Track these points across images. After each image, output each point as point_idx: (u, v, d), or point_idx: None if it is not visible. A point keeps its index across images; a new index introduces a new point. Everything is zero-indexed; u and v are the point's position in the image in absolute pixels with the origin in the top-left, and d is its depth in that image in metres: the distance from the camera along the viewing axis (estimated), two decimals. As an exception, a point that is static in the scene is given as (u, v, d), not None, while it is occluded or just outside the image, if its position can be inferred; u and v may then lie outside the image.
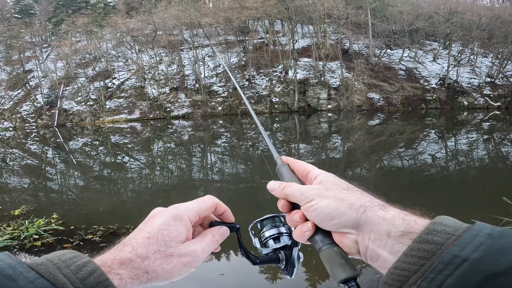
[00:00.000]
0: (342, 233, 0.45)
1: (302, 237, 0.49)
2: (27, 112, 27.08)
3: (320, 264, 2.15)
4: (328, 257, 0.46)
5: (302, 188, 0.50)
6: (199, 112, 25.33)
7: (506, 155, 10.22)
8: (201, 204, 0.52)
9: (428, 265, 0.35)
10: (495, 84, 25.32)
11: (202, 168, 10.27)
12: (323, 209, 0.46)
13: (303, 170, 0.56)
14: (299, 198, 0.49)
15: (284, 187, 0.52)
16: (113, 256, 0.43)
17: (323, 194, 0.47)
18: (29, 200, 7.25)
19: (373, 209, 0.44)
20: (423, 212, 0.43)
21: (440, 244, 0.36)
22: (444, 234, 0.37)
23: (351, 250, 0.45)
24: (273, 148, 0.63)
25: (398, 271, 0.38)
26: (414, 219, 0.41)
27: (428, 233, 0.38)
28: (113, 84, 28.06)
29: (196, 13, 27.80)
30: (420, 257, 0.36)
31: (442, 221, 0.39)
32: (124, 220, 5.32)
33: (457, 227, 0.37)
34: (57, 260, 0.38)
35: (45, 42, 35.26)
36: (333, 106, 24.87)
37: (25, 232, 4.70)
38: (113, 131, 20.87)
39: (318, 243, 0.47)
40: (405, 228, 0.40)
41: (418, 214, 0.43)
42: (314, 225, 0.48)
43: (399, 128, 17.15)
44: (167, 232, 0.46)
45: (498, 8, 33.10)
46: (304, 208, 0.49)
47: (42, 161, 13.10)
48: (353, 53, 27.50)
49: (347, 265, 0.44)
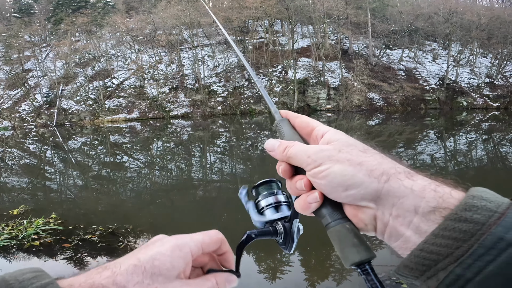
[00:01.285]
0: (357, 206, 0.37)
1: (307, 209, 0.40)
2: (26, 111, 27.03)
3: (319, 264, 2.16)
4: (338, 235, 0.38)
5: (309, 148, 0.41)
6: (199, 111, 25.32)
7: (505, 156, 10.24)
8: (206, 237, 0.44)
9: (465, 249, 0.30)
10: (494, 85, 25.36)
11: (201, 168, 10.26)
12: (335, 176, 0.37)
13: (306, 126, 0.46)
14: (305, 161, 0.40)
15: (285, 146, 0.43)
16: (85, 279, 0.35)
17: (336, 156, 0.38)
18: (28, 199, 7.23)
19: (398, 176, 0.36)
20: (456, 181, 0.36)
21: (481, 223, 0.30)
22: (485, 211, 0.30)
23: (367, 226, 0.37)
24: (270, 101, 0.52)
25: (425, 253, 0.32)
26: (448, 191, 0.34)
27: (466, 209, 0.31)
28: (112, 83, 28.03)
29: (196, 12, 27.78)
30: (455, 238, 0.30)
31: (482, 195, 0.32)
32: (123, 220, 5.31)
33: (499, 203, 0.31)
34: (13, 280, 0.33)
35: (44, 41, 35.20)
36: (332, 106, 24.88)
37: (24, 232, 4.68)
38: (112, 131, 20.84)
39: (326, 217, 0.39)
40: (437, 202, 0.33)
41: (451, 184, 0.35)
42: (322, 195, 0.39)
43: (398, 128, 17.17)
44: (158, 263, 0.37)
45: (497, 8, 33.16)
46: (311, 174, 0.40)
47: (41, 161, 13.08)
48: (352, 53, 27.52)
49: (362, 246, 0.36)
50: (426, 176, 0.37)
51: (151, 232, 4.92)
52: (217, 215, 5.94)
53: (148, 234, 4.86)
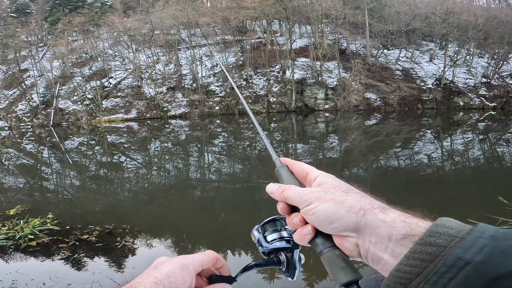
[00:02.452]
0: (343, 236, 0.45)
1: (303, 240, 0.48)
2: (23, 111, 26.87)
3: (318, 264, 2.15)
4: (329, 261, 0.45)
5: (301, 191, 0.50)
6: (196, 111, 25.28)
7: (502, 155, 10.29)
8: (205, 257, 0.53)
9: (431, 268, 0.35)
10: (490, 85, 25.49)
11: (199, 168, 10.24)
12: (322, 212, 0.46)
13: (302, 171, 0.55)
14: (298, 201, 0.49)
15: (283, 190, 0.52)
16: None
17: (322, 197, 0.47)
18: (25, 200, 7.19)
19: (373, 211, 0.43)
20: (424, 214, 0.43)
21: (443, 246, 0.35)
22: (447, 236, 0.36)
23: (352, 253, 0.44)
24: (271, 150, 0.62)
25: (400, 273, 0.37)
26: (415, 222, 0.40)
27: (430, 235, 0.37)
28: (109, 83, 27.93)
29: (194, 12, 27.73)
30: (422, 259, 0.36)
31: (444, 223, 0.38)
32: (120, 220, 5.29)
33: (460, 229, 0.37)
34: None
35: (41, 41, 35.01)
36: (330, 106, 24.91)
37: (20, 232, 4.66)
38: (109, 131, 20.76)
39: (319, 246, 0.47)
40: (406, 231, 0.40)
41: (419, 216, 0.42)
42: (314, 228, 0.47)
43: (396, 128, 17.22)
44: (173, 280, 0.47)
45: (494, 8, 33.32)
46: (303, 211, 0.48)
47: (37, 161, 13.00)
48: (350, 53, 27.57)
49: (349, 268, 0.43)
50: (398, 210, 0.44)
51: (148, 232, 4.90)
52: (215, 215, 5.93)
53: (146, 234, 4.84)
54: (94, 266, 3.92)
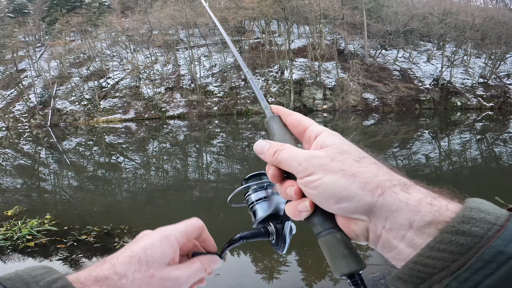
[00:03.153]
0: (350, 218, 0.36)
1: (297, 216, 0.39)
2: (20, 111, 26.77)
3: (315, 264, 2.17)
4: (329, 245, 0.37)
5: (300, 154, 0.39)
6: (195, 112, 25.26)
7: (499, 155, 10.35)
8: (189, 226, 0.47)
9: (462, 262, 0.29)
10: (488, 85, 25.62)
11: (198, 168, 10.24)
12: (327, 187, 0.36)
13: (298, 125, 0.43)
14: (296, 169, 0.38)
15: (276, 150, 0.40)
16: (89, 273, 0.40)
17: (328, 166, 0.36)
18: (22, 200, 7.17)
19: (393, 189, 0.34)
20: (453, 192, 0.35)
21: (479, 236, 0.29)
22: (484, 224, 0.29)
23: (358, 237, 0.37)
24: (261, 96, 0.49)
25: (419, 266, 0.31)
26: (445, 204, 0.33)
27: (464, 222, 0.30)
28: (107, 83, 27.87)
29: (192, 13, 27.72)
30: (451, 251, 0.29)
31: (480, 206, 0.31)
32: (118, 220, 5.28)
33: (498, 214, 0.30)
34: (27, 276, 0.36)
35: (38, 41, 34.89)
36: (328, 106, 24.96)
37: (18, 233, 4.65)
38: (107, 131, 20.72)
39: (317, 226, 0.38)
40: (433, 216, 0.32)
41: (448, 196, 0.34)
42: (313, 204, 0.38)
43: (394, 128, 17.28)
44: (150, 252, 0.42)
45: (491, 9, 33.50)
46: (302, 182, 0.38)
47: (35, 161, 12.96)
48: (348, 54, 27.64)
49: (351, 257, 0.36)
50: (423, 188, 0.35)
51: (147, 233, 4.90)
52: (213, 216, 5.93)
53: (144, 234, 4.84)
54: (92, 267, 3.91)
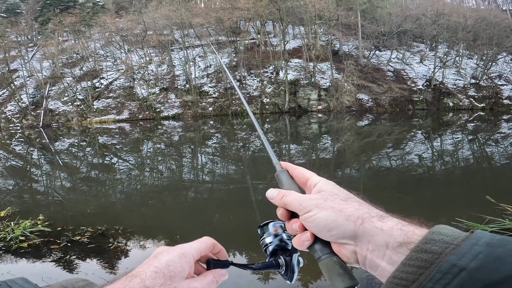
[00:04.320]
0: (341, 243, 0.46)
1: (301, 246, 0.49)
2: (12, 112, 26.40)
3: (312, 264, 2.18)
4: (327, 267, 0.46)
5: (301, 197, 0.50)
6: (190, 112, 25.17)
7: (490, 155, 10.51)
8: (202, 244, 0.56)
9: (426, 275, 0.35)
10: (479, 86, 25.98)
11: (193, 169, 10.22)
12: (321, 220, 0.46)
13: (302, 177, 0.56)
14: (298, 208, 0.50)
15: (283, 195, 0.52)
16: (123, 286, 0.45)
17: (321, 204, 0.47)
18: (15, 201, 7.08)
19: (371, 220, 0.44)
20: (422, 221, 0.43)
21: (438, 253, 0.36)
22: (442, 244, 0.37)
23: (350, 259, 0.45)
24: (272, 153, 0.62)
25: (397, 280, 0.37)
26: (412, 229, 0.41)
27: (426, 243, 0.37)
28: (101, 84, 27.63)
29: (187, 13, 27.63)
30: (418, 266, 0.36)
31: (440, 231, 0.38)
32: (113, 221, 5.25)
33: (456, 236, 0.37)
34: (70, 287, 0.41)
35: (31, 41, 34.46)
36: (323, 107, 25.07)
37: (11, 234, 4.60)
38: (101, 132, 20.54)
39: (317, 252, 0.48)
40: (403, 238, 0.40)
41: (416, 223, 0.43)
42: (313, 234, 0.48)
43: (387, 129, 17.43)
44: (173, 268, 0.49)
45: (483, 10, 33.96)
46: (302, 218, 0.49)
47: (27, 162, 12.79)
48: (343, 54, 27.81)
49: (346, 275, 0.44)
50: (396, 218, 0.44)
51: (142, 234, 4.88)
52: (208, 216, 5.93)
53: (139, 235, 4.82)
54: (87, 267, 3.89)
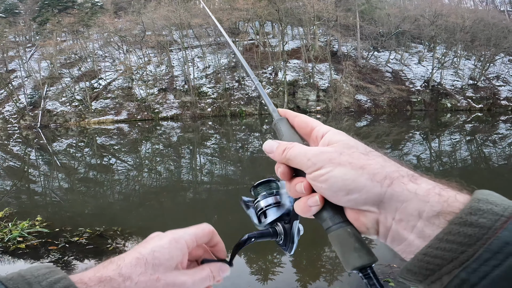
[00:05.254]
0: (359, 210, 0.37)
1: (307, 212, 0.40)
2: (10, 112, 26.31)
3: (310, 264, 2.19)
4: (339, 240, 0.37)
5: (309, 150, 0.40)
6: (188, 113, 25.15)
7: (488, 156, 10.54)
8: (199, 230, 0.46)
9: (470, 253, 0.29)
10: (477, 87, 26.09)
11: (191, 169, 10.20)
12: (337, 180, 0.36)
13: (305, 126, 0.45)
14: (305, 164, 0.39)
15: (284, 148, 0.42)
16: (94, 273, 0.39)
17: (337, 159, 0.37)
18: (12, 202, 7.04)
19: (402, 180, 0.35)
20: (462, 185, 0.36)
21: (487, 227, 0.29)
22: (492, 215, 0.30)
23: (369, 230, 0.37)
24: (268, 100, 0.52)
25: (429, 258, 0.31)
26: (453, 195, 0.33)
27: (471, 213, 0.31)
28: (99, 84, 27.57)
29: (186, 13, 27.63)
30: (459, 243, 0.30)
31: (488, 198, 0.32)
32: (111, 222, 5.24)
33: (505, 206, 0.31)
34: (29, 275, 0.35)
35: (29, 41, 34.38)
36: (321, 107, 25.11)
37: (9, 235, 4.58)
38: (99, 132, 20.49)
39: (327, 221, 0.38)
40: (441, 206, 0.32)
41: (455, 188, 0.35)
42: (322, 198, 0.38)
43: (386, 130, 17.47)
44: (158, 255, 0.41)
45: (481, 10, 34.11)
46: (311, 177, 0.39)
47: (25, 163, 12.74)
48: (341, 55, 27.88)
49: (363, 250, 0.36)
50: (430, 179, 0.36)
51: (140, 234, 4.86)
52: (207, 217, 5.92)
53: (138, 236, 4.80)
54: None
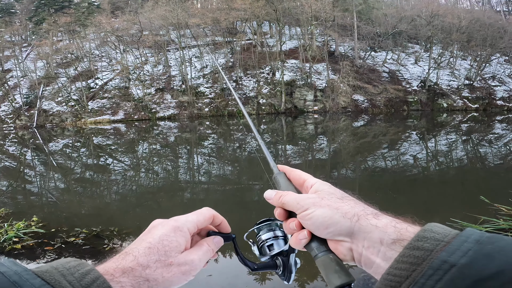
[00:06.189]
0: (337, 240, 0.47)
1: (298, 244, 0.50)
2: (5, 112, 26.10)
3: (308, 264, 2.19)
4: (324, 264, 0.47)
5: (298, 197, 0.52)
6: (186, 113, 25.09)
7: (484, 156, 10.62)
8: (200, 216, 0.55)
9: (419, 271, 0.36)
10: (473, 87, 26.26)
11: (189, 169, 10.19)
12: (318, 217, 0.47)
13: (299, 178, 0.58)
14: (295, 207, 0.51)
15: (280, 196, 0.54)
16: (116, 265, 0.45)
17: (318, 203, 0.49)
18: (8, 203, 7.00)
19: (366, 217, 0.45)
20: (415, 219, 0.45)
21: (430, 250, 0.37)
22: (434, 241, 0.38)
23: (346, 257, 0.46)
24: (269, 157, 0.64)
25: (391, 276, 0.38)
26: (405, 227, 0.43)
27: (418, 240, 0.39)
28: (96, 84, 27.44)
29: (184, 13, 27.56)
30: (411, 263, 0.37)
31: (432, 228, 0.40)
32: (108, 222, 5.22)
33: (446, 234, 0.39)
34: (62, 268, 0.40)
35: (25, 41, 34.13)
36: (319, 107, 25.16)
37: (5, 235, 4.55)
38: (95, 132, 20.40)
39: (314, 250, 0.49)
40: (396, 235, 0.42)
41: (409, 221, 0.44)
42: (310, 233, 0.49)
43: (383, 130, 17.53)
44: (167, 243, 0.48)
45: (477, 11, 34.34)
46: (300, 216, 0.50)
47: (20, 163, 12.66)
48: (339, 55, 27.94)
49: (342, 272, 0.45)
50: (389, 216, 0.46)
51: (137, 235, 4.78)
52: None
53: (135, 236, 4.78)
54: (81, 270, 3.85)
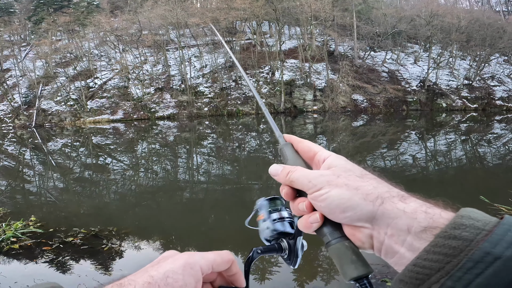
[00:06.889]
0: (355, 226, 0.41)
1: (309, 228, 0.44)
2: (4, 112, 26.04)
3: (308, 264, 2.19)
4: (338, 253, 0.41)
5: (310, 173, 0.44)
6: (185, 112, 25.07)
7: (483, 156, 10.63)
8: (218, 257, 0.45)
9: (455, 263, 0.32)
10: (472, 87, 26.29)
11: (188, 169, 10.17)
12: (334, 199, 0.41)
13: (308, 150, 0.50)
14: (306, 186, 0.44)
15: (288, 171, 0.46)
16: None
17: (334, 181, 0.42)
18: (6, 202, 6.97)
19: (392, 200, 0.39)
20: (446, 203, 0.39)
21: (469, 240, 0.33)
22: (474, 229, 0.33)
23: (364, 244, 0.41)
24: (274, 125, 0.56)
25: (418, 268, 0.34)
26: (438, 212, 0.37)
27: (455, 228, 0.34)
28: (95, 83, 27.39)
29: (183, 13, 27.52)
30: (445, 254, 0.33)
31: (470, 214, 0.35)
32: (106, 222, 5.20)
33: (487, 221, 0.34)
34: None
35: (24, 40, 34.05)
36: (318, 107, 25.15)
37: (2, 235, 4.53)
38: (94, 132, 20.36)
39: (327, 236, 0.42)
40: (428, 222, 0.36)
41: (441, 206, 0.39)
42: (322, 216, 0.43)
43: (382, 129, 17.54)
44: (171, 281, 0.39)
45: (477, 11, 34.35)
46: (311, 197, 0.43)
47: (19, 163, 12.62)
48: (338, 55, 27.94)
49: (359, 262, 0.40)
50: (418, 199, 0.40)
51: (136, 235, 4.84)
52: (204, 217, 5.90)
53: (133, 236, 4.77)
54: (80, 269, 3.84)
